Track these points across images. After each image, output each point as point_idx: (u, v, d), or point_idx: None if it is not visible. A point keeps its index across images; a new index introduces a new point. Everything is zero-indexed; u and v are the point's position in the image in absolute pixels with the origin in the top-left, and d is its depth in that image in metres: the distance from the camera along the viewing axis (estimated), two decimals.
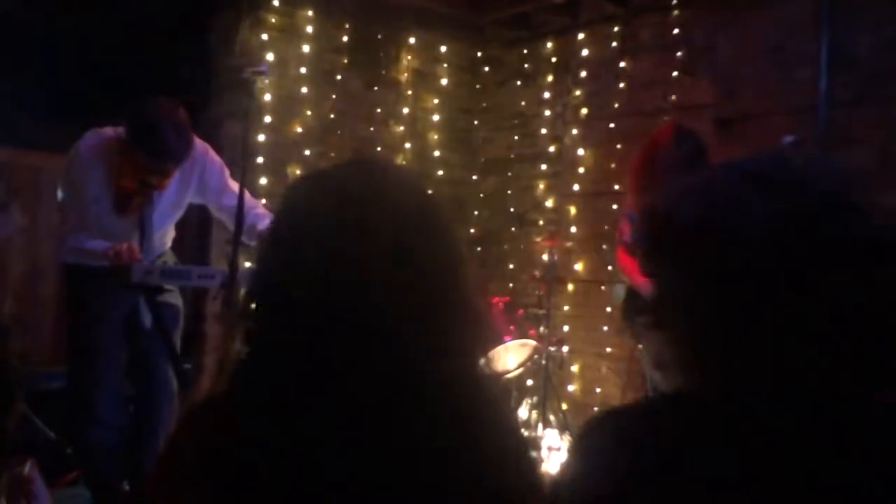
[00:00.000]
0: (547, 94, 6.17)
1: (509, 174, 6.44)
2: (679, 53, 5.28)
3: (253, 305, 1.13)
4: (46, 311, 4.63)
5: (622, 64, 5.63)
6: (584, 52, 5.90)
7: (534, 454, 1.21)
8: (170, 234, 3.56)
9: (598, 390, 5.64)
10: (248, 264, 3.44)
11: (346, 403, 1.03)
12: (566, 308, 5.79)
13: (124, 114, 3.11)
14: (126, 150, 3.11)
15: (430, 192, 1.21)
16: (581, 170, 5.90)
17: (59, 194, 3.24)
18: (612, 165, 5.65)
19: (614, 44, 5.70)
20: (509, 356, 5.03)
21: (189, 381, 3.36)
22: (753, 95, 4.78)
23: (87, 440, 3.33)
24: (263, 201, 3.62)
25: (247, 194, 3.27)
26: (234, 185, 3.43)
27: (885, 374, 0.92)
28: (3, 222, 1.46)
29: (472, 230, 6.46)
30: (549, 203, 6.11)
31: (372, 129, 5.90)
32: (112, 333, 3.30)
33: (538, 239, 5.84)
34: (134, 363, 3.48)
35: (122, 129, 3.14)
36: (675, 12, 5.31)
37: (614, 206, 5.61)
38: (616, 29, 5.69)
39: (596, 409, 5.56)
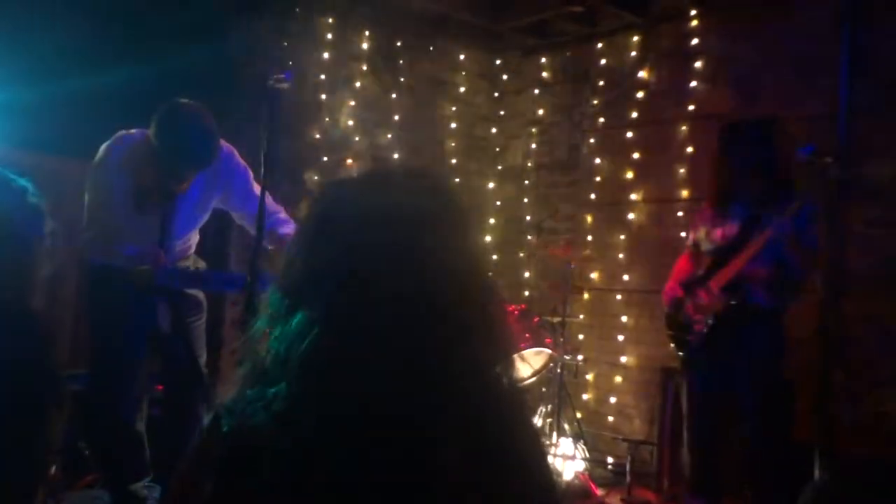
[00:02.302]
0: (565, 103, 6.18)
1: (526, 182, 6.45)
2: (698, 63, 5.27)
3: (275, 312, 1.14)
4: (66, 314, 4.66)
5: (640, 73, 5.63)
6: (603, 61, 5.91)
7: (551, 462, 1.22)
8: (194, 238, 3.56)
9: (612, 399, 5.63)
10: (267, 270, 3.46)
11: (367, 409, 1.04)
12: (581, 317, 5.79)
13: (154, 114, 3.13)
14: (150, 150, 3.13)
15: (454, 195, 1.22)
16: (598, 179, 5.89)
17: (86, 196, 3.25)
18: (629, 175, 5.65)
19: (633, 53, 5.70)
20: (524, 364, 5.02)
21: (207, 382, 3.37)
22: (773, 103, 4.77)
23: (108, 442, 3.35)
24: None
25: (269, 199, 3.29)
26: (259, 190, 3.45)
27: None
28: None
29: (488, 238, 6.46)
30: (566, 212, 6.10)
31: (390, 136, 5.92)
32: (133, 335, 3.31)
33: (554, 247, 5.83)
34: (162, 365, 3.49)
35: (148, 131, 3.17)
36: (694, 21, 5.31)
37: (630, 216, 5.61)
38: (635, 38, 5.69)
39: (610, 418, 5.56)
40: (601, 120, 5.91)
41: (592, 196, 5.92)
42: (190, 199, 3.36)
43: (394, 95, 5.95)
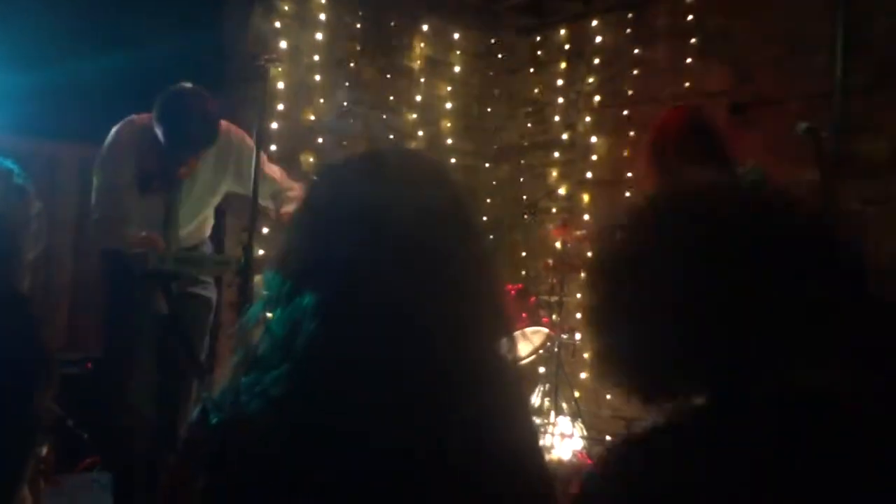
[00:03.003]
0: (560, 82, 6.15)
1: (522, 162, 6.43)
2: (693, 39, 5.25)
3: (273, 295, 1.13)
4: (62, 299, 4.67)
5: (636, 51, 5.60)
6: (598, 39, 5.87)
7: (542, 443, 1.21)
8: (207, 224, 3.57)
9: None
10: (261, 252, 3.46)
11: (366, 390, 1.03)
12: (579, 296, 5.78)
13: (155, 98, 3.15)
14: (154, 133, 3.16)
15: (454, 181, 1.22)
16: (594, 157, 5.88)
17: (94, 180, 3.25)
18: (625, 153, 5.63)
19: (628, 30, 5.67)
20: (521, 344, 5.03)
21: (203, 372, 3.37)
22: (768, 81, 4.75)
23: (116, 425, 3.37)
24: None
25: (283, 176, 3.40)
26: (273, 170, 3.47)
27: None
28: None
29: (484, 218, 6.45)
30: (562, 191, 6.09)
31: (385, 116, 5.89)
32: (147, 320, 3.33)
33: (551, 227, 5.82)
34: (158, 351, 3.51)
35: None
36: None
37: (627, 194, 5.60)
38: (630, 15, 5.65)
39: (608, 396, 5.57)
40: (597, 98, 5.88)
41: (589, 175, 5.91)
42: (197, 183, 3.38)
43: (388, 76, 5.91)
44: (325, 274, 1.08)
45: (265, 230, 3.34)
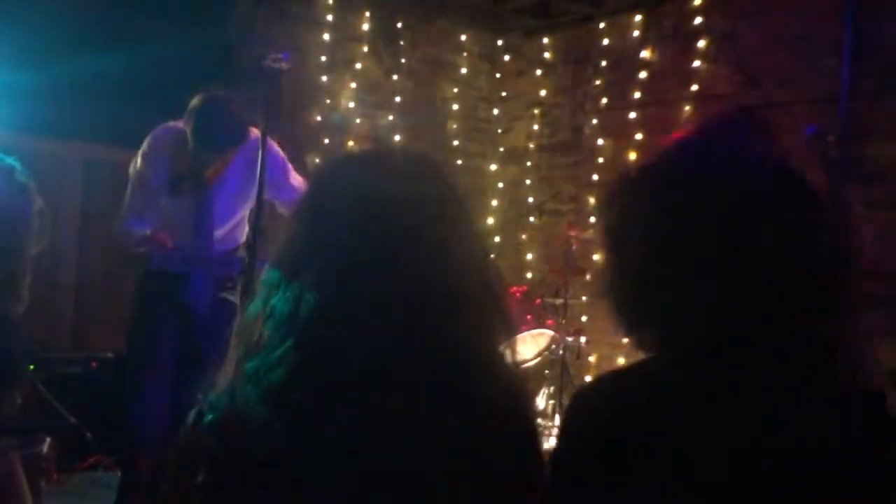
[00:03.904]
0: (567, 84, 6.14)
1: (528, 164, 6.42)
2: (701, 43, 5.24)
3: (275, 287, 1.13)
4: (66, 298, 4.67)
5: (643, 53, 5.59)
6: (605, 42, 5.87)
7: (541, 442, 1.22)
8: (241, 229, 3.58)
9: None
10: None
11: (363, 386, 1.02)
12: (584, 298, 5.77)
13: (165, 97, 3.22)
14: (184, 137, 3.23)
15: (452, 179, 1.22)
16: (600, 160, 5.87)
17: (130, 185, 3.33)
18: (632, 156, 5.62)
19: (635, 33, 5.66)
20: (526, 346, 5.02)
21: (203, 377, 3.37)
22: (776, 84, 4.74)
23: (131, 422, 3.38)
24: None
25: (298, 178, 3.47)
26: (296, 180, 3.51)
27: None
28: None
29: (490, 219, 6.45)
30: (568, 194, 6.08)
31: (391, 117, 5.89)
32: (167, 321, 3.34)
33: (557, 229, 5.81)
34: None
35: None
36: (697, 1, 5.27)
37: None
38: (637, 18, 5.65)
39: None
40: (604, 101, 5.88)
41: (595, 177, 5.90)
42: (228, 187, 3.42)
43: (395, 77, 5.92)
44: (324, 257, 1.08)
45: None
